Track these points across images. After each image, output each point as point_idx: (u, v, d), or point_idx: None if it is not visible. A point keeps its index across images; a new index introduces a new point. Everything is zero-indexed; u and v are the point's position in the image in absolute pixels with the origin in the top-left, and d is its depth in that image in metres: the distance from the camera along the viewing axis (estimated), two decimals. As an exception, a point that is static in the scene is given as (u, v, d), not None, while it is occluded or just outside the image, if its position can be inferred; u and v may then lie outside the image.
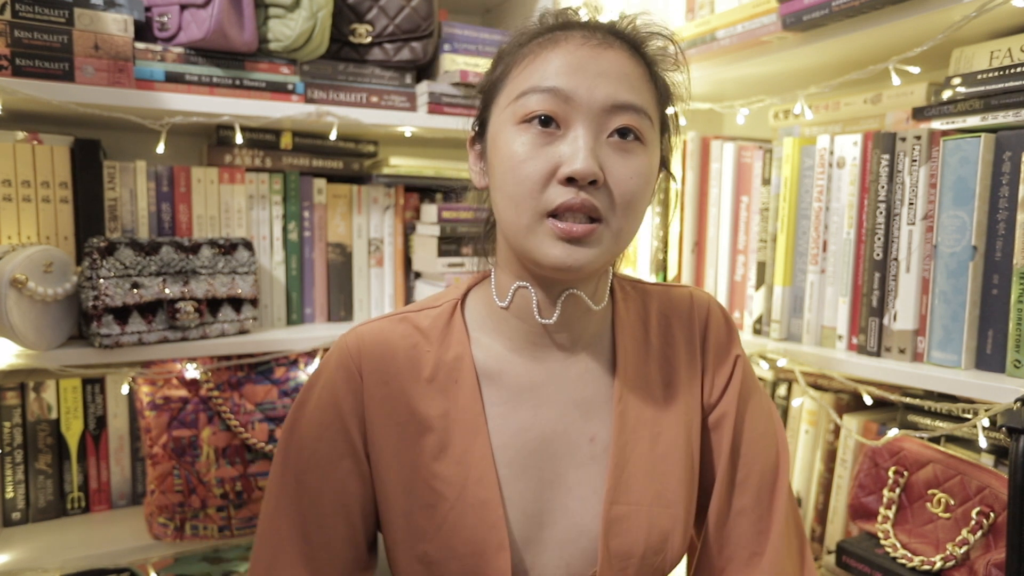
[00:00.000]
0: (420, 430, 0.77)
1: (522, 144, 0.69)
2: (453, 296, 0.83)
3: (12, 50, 1.08)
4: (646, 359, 0.82)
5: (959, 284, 0.97)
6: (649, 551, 0.75)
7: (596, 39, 0.71)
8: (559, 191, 0.68)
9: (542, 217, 0.69)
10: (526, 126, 0.70)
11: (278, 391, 1.27)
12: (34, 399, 1.26)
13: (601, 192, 0.69)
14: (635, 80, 0.72)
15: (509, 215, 0.71)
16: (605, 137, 0.70)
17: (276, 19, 1.26)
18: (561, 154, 0.68)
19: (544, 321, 0.77)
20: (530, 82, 0.70)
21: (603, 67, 0.70)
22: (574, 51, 0.70)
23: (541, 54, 0.72)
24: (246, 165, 1.37)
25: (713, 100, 1.41)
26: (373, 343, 0.79)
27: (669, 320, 0.85)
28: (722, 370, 0.84)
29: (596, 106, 0.69)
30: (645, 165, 0.71)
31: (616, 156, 0.70)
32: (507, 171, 0.70)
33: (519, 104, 0.70)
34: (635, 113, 0.70)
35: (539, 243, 0.69)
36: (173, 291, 1.18)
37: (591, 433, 0.78)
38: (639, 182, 0.71)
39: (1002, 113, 0.93)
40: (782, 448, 0.84)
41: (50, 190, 1.20)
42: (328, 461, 0.77)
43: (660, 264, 1.43)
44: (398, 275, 1.51)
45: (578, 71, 0.69)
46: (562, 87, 0.69)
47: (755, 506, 0.81)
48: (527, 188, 0.69)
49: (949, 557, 0.90)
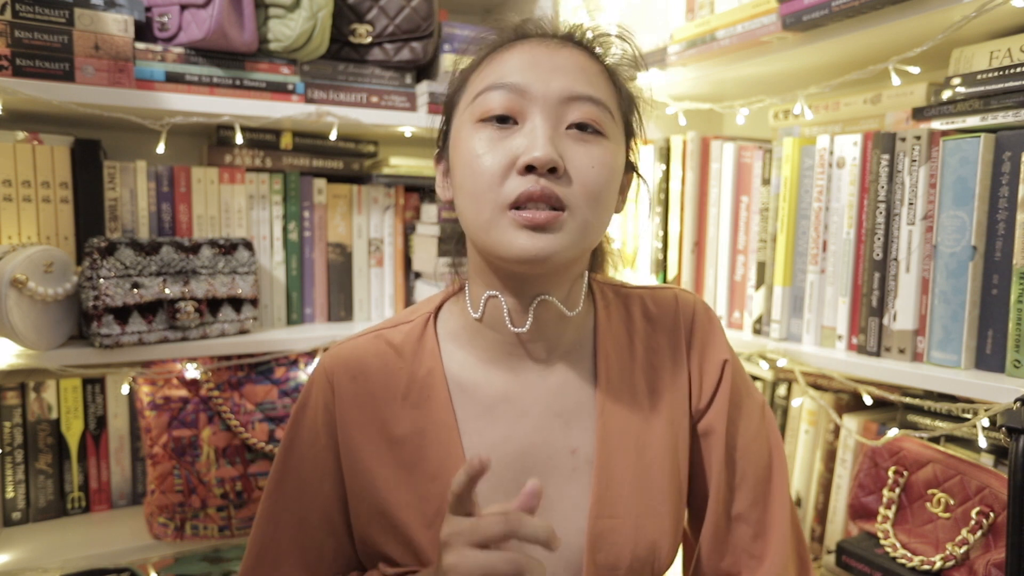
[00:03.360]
0: (394, 449, 0.76)
1: (480, 140, 0.69)
2: (426, 310, 0.83)
3: (12, 50, 1.09)
4: (630, 366, 0.80)
5: (959, 284, 0.97)
6: (636, 563, 0.74)
7: (551, 42, 0.72)
8: (519, 181, 0.67)
9: (504, 209, 0.67)
10: (483, 124, 0.70)
11: (278, 391, 1.27)
12: (34, 399, 1.26)
13: (562, 181, 0.67)
14: (592, 75, 0.71)
15: (471, 212, 0.70)
16: (564, 128, 0.69)
17: (276, 19, 1.26)
18: (519, 145, 0.67)
19: (517, 330, 0.75)
20: (486, 81, 0.71)
21: (558, 62, 0.70)
22: (529, 50, 0.71)
23: (496, 57, 0.72)
24: (246, 165, 1.37)
25: (713, 100, 1.42)
26: (347, 365, 0.79)
27: (654, 324, 0.83)
28: (710, 375, 0.81)
29: (552, 98, 0.68)
30: (608, 155, 0.70)
31: (576, 146, 0.69)
32: (466, 168, 0.70)
33: (476, 104, 0.70)
34: (593, 104, 0.69)
35: (502, 235, 0.67)
36: (173, 291, 1.18)
37: (572, 445, 0.76)
38: (602, 171, 0.69)
39: (1002, 113, 0.93)
40: (775, 447, 0.82)
41: (50, 190, 1.20)
42: (313, 479, 0.79)
43: (660, 264, 1.43)
44: (398, 275, 1.51)
45: (534, 67, 0.69)
46: (517, 82, 0.69)
47: (752, 510, 0.79)
48: (486, 181, 0.68)
49: (949, 557, 0.90)
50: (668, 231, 1.41)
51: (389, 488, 0.76)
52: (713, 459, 0.80)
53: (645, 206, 1.45)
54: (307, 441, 0.79)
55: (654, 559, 0.75)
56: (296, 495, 0.79)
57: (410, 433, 0.76)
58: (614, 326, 0.81)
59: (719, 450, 0.79)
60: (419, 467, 0.75)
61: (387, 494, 0.75)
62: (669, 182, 1.41)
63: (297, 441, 0.80)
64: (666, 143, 1.41)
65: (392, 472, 0.76)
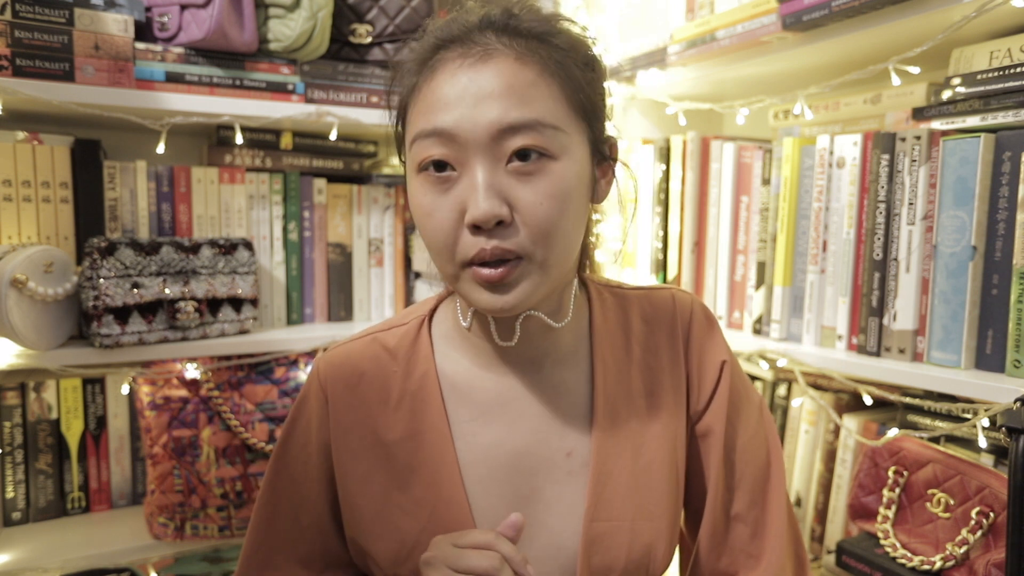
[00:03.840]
0: (388, 454, 0.76)
1: (424, 195, 0.67)
2: (421, 312, 0.82)
3: (12, 50, 1.08)
4: (627, 369, 0.79)
5: (959, 284, 0.97)
6: (631, 565, 0.74)
7: (474, 54, 0.65)
8: (471, 241, 0.64)
9: (462, 266, 0.67)
10: (424, 175, 0.67)
11: (278, 391, 1.27)
12: (34, 399, 1.26)
13: (512, 229, 0.64)
14: (524, 89, 0.64)
15: (437, 264, 0.70)
16: (505, 165, 0.64)
17: (276, 19, 1.26)
18: (462, 198, 0.65)
19: (504, 344, 0.75)
20: (418, 125, 0.66)
21: (483, 88, 0.64)
22: (451, 78, 0.65)
23: (422, 88, 0.67)
24: (246, 165, 1.37)
25: (713, 100, 1.42)
26: (341, 370, 0.79)
27: (651, 325, 0.82)
28: (708, 376, 0.81)
29: (484, 137, 0.63)
30: (557, 182, 0.65)
31: (520, 184, 0.64)
32: (420, 223, 0.69)
33: (414, 151, 0.67)
34: (530, 130, 0.64)
35: (467, 291, 0.68)
36: (173, 291, 1.18)
37: (568, 448, 0.76)
38: (553, 204, 0.65)
39: (1002, 113, 0.93)
40: (773, 447, 0.82)
41: (50, 190, 1.20)
42: (304, 482, 0.80)
43: (660, 264, 1.43)
44: (398, 275, 1.51)
45: (458, 101, 0.64)
46: (445, 126, 0.64)
47: (749, 510, 0.79)
48: (440, 241, 0.66)
49: (949, 557, 0.90)
50: (668, 231, 1.41)
51: (382, 494, 0.76)
52: (711, 460, 0.80)
53: (645, 205, 1.45)
54: (299, 445, 0.80)
55: (649, 562, 0.75)
56: (288, 496, 0.80)
57: (403, 437, 0.76)
58: (611, 328, 0.80)
59: (717, 451, 0.79)
60: (413, 472, 0.75)
61: (380, 498, 0.76)
62: (669, 182, 1.41)
63: (290, 444, 0.81)
64: (666, 143, 1.41)
65: (385, 477, 0.76)
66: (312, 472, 0.80)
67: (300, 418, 0.81)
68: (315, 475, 0.80)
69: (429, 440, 0.75)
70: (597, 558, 0.73)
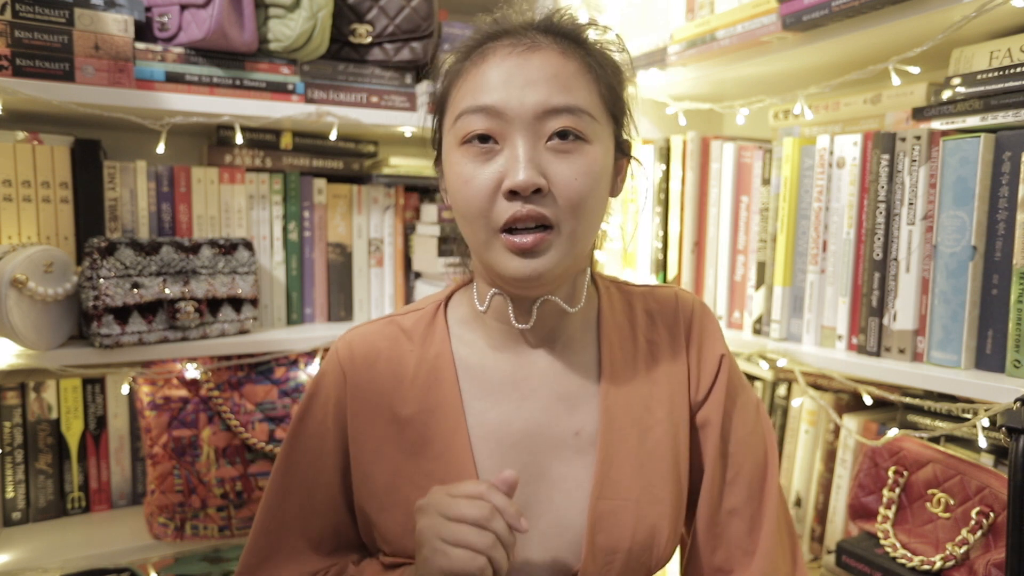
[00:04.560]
0: (401, 428, 0.79)
1: (465, 165, 0.72)
2: (438, 298, 0.87)
3: (12, 50, 1.08)
4: (633, 355, 0.83)
5: (959, 284, 0.97)
6: (636, 547, 0.76)
7: (523, 44, 0.72)
8: (506, 206, 0.70)
9: (496, 232, 0.71)
10: (467, 147, 0.72)
11: (278, 391, 1.27)
12: (34, 399, 1.26)
13: (548, 199, 0.70)
14: (568, 79, 0.71)
15: (467, 232, 0.74)
16: (544, 143, 0.70)
17: (276, 19, 1.26)
18: (502, 168, 0.70)
19: (520, 326, 0.79)
20: (464, 102, 0.72)
21: (531, 74, 0.70)
22: (501, 63, 0.71)
23: (471, 71, 0.73)
24: (246, 165, 1.37)
25: (713, 100, 1.41)
26: (360, 348, 0.83)
27: (654, 319, 0.86)
28: (707, 368, 0.84)
29: (528, 115, 0.70)
30: (591, 163, 0.72)
31: (558, 160, 0.70)
32: (457, 192, 0.73)
33: (458, 127, 0.72)
34: (570, 114, 0.70)
35: (496, 258, 0.72)
36: (173, 291, 1.18)
37: (576, 427, 0.79)
38: (586, 181, 0.71)
39: (1002, 113, 0.93)
40: (770, 446, 0.85)
41: (50, 190, 1.20)
42: (319, 462, 0.82)
43: (660, 264, 1.43)
44: (398, 275, 1.51)
45: (507, 83, 0.70)
46: (493, 103, 0.70)
47: (746, 505, 0.81)
48: (476, 207, 0.71)
49: (949, 557, 0.90)
50: (668, 231, 1.41)
51: (394, 466, 0.78)
52: (708, 450, 0.82)
53: (645, 200, 1.45)
54: (317, 421, 0.83)
55: (652, 544, 0.77)
56: (303, 474, 0.82)
57: (417, 413, 0.79)
58: (617, 318, 0.84)
59: (714, 441, 0.82)
60: (425, 446, 0.78)
61: (392, 473, 0.78)
62: (669, 182, 1.41)
63: (307, 422, 0.83)
64: (666, 143, 1.41)
65: (398, 451, 0.79)
66: (328, 447, 0.82)
67: (318, 396, 0.83)
68: (331, 450, 0.82)
69: (441, 415, 0.78)
70: (602, 536, 0.75)
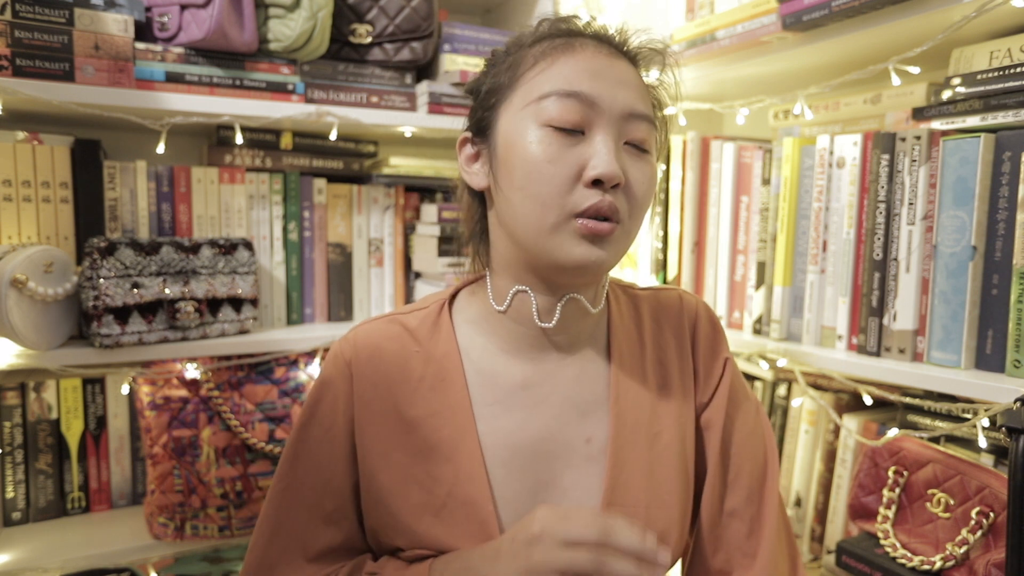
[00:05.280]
0: (408, 429, 0.78)
1: (548, 146, 0.70)
2: (441, 297, 0.85)
3: (12, 50, 1.08)
4: (641, 360, 0.83)
5: (959, 284, 0.97)
6: None
7: (606, 49, 0.74)
8: (585, 193, 0.70)
9: (569, 217, 0.70)
10: (551, 129, 0.71)
11: (278, 391, 1.27)
12: (34, 399, 1.26)
13: (620, 195, 0.71)
14: (643, 92, 0.75)
15: (532, 216, 0.71)
16: (623, 143, 0.73)
17: (276, 19, 1.26)
18: (586, 157, 0.70)
19: (544, 325, 0.78)
20: (552, 84, 0.71)
21: (619, 76, 0.73)
22: (591, 58, 0.72)
23: (559, 58, 0.73)
24: (246, 165, 1.37)
25: (713, 100, 1.42)
26: (364, 346, 0.81)
27: (660, 323, 0.86)
28: (712, 371, 0.84)
29: (616, 112, 0.71)
30: (653, 171, 0.76)
31: (632, 161, 0.73)
32: (531, 172, 0.71)
33: (542, 106, 0.71)
34: (647, 123, 0.74)
35: (562, 242, 0.71)
36: (173, 291, 1.18)
37: (587, 434, 0.78)
38: (649, 187, 0.75)
39: (1002, 113, 0.93)
40: (770, 448, 0.85)
41: (50, 190, 1.20)
42: (327, 462, 0.80)
43: (660, 264, 1.43)
44: (398, 275, 1.51)
45: (599, 77, 0.71)
46: (587, 92, 0.71)
47: (746, 507, 0.81)
48: (554, 188, 0.70)
49: (949, 557, 0.90)
50: (668, 231, 1.41)
51: (401, 467, 0.77)
52: (710, 453, 0.82)
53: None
54: (324, 428, 0.80)
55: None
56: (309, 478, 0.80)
57: (424, 415, 0.78)
58: (626, 323, 0.84)
59: (715, 444, 0.82)
60: (433, 449, 0.77)
61: (399, 472, 0.77)
62: (669, 182, 1.41)
63: (312, 428, 0.81)
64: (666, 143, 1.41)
65: (404, 451, 0.77)
66: (337, 450, 0.79)
67: (323, 401, 0.80)
68: (339, 453, 0.79)
69: (451, 419, 0.77)
70: None
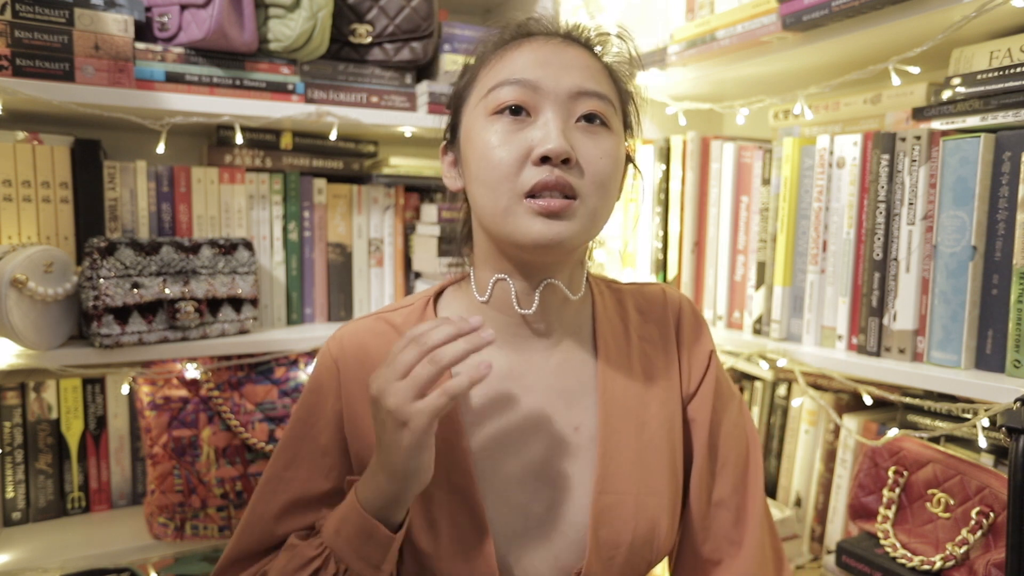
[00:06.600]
0: None
1: (495, 132, 0.72)
2: (425, 295, 0.87)
3: (12, 50, 1.08)
4: (627, 351, 0.84)
5: (959, 284, 0.97)
6: (637, 540, 0.76)
7: (557, 39, 0.76)
8: (534, 171, 0.70)
9: (520, 198, 0.71)
10: (497, 116, 0.73)
11: (278, 391, 1.27)
12: (34, 399, 1.26)
13: (574, 171, 0.72)
14: (596, 72, 0.76)
15: (487, 201, 0.73)
16: (573, 122, 0.73)
17: (276, 19, 1.26)
18: (533, 138, 0.71)
19: (523, 311, 0.79)
20: (499, 77, 0.74)
21: (567, 60, 0.74)
22: (538, 48, 0.75)
23: (508, 54, 0.75)
24: (246, 165, 1.37)
25: (713, 100, 1.41)
26: (350, 344, 0.82)
27: (645, 316, 0.87)
28: (697, 364, 0.86)
29: (563, 93, 0.72)
30: (613, 147, 0.74)
31: (585, 137, 0.73)
32: (481, 159, 0.73)
33: (490, 98, 0.74)
34: (599, 99, 0.74)
35: (518, 222, 0.71)
36: (173, 291, 1.18)
37: (575, 422, 0.79)
38: (609, 162, 0.74)
39: (1002, 113, 0.93)
40: (752, 439, 0.87)
41: (50, 190, 1.20)
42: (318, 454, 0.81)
43: (660, 264, 1.43)
44: (398, 275, 1.51)
45: (544, 64, 0.73)
46: (530, 78, 0.72)
47: (732, 496, 0.83)
48: (503, 172, 0.71)
49: (949, 557, 0.90)
50: (668, 231, 1.41)
51: None
52: (697, 444, 0.84)
53: (646, 204, 1.45)
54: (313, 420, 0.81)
55: (653, 537, 0.77)
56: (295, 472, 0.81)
57: None
58: (610, 314, 0.85)
59: (702, 435, 0.83)
60: None
61: None
62: (669, 182, 1.41)
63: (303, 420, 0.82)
64: (666, 143, 1.41)
65: None
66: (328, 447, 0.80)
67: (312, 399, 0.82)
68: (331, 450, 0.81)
69: None
70: (605, 531, 0.75)
